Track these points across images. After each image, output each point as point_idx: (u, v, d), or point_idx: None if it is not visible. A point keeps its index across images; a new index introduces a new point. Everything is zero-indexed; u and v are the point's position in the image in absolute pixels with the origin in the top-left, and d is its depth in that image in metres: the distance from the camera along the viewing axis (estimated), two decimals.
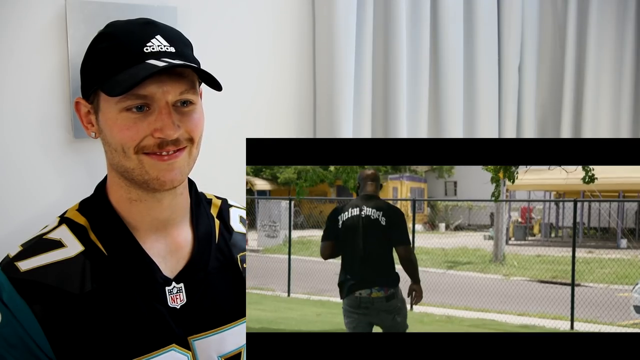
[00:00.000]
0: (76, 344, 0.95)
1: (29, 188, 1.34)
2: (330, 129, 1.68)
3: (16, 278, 0.95)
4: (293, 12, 1.68)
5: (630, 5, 2.11)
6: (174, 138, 0.95)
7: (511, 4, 1.98)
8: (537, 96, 2.11)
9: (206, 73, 0.97)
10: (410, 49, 1.82)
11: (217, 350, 1.07)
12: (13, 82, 1.31)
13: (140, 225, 1.04)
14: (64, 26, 1.34)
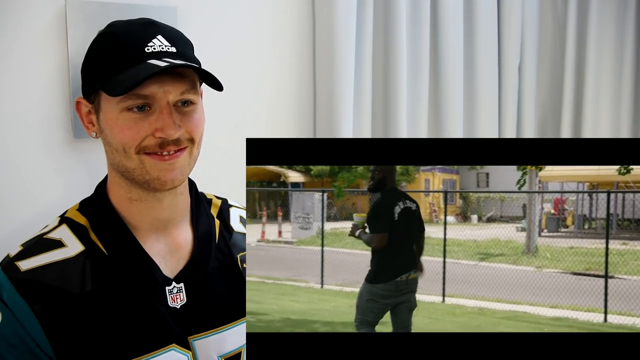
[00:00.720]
0: (76, 343, 0.95)
1: (29, 188, 1.34)
2: (330, 129, 1.68)
3: (16, 278, 0.95)
4: (293, 12, 1.68)
5: (630, 5, 2.11)
6: (175, 138, 0.96)
7: (511, 4, 1.98)
8: (537, 96, 2.11)
9: (207, 73, 0.97)
10: (410, 49, 1.82)
11: (217, 350, 1.07)
12: (13, 82, 1.31)
13: (140, 225, 1.04)
14: (64, 26, 1.34)
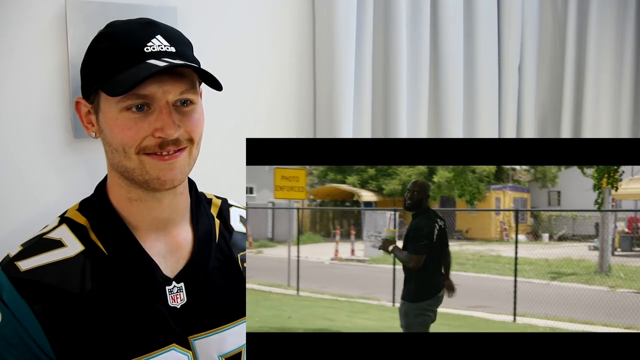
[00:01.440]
0: (76, 343, 0.95)
1: (29, 188, 1.34)
2: (330, 129, 1.68)
3: (16, 278, 0.95)
4: (293, 12, 1.68)
5: (630, 5, 2.11)
6: (174, 138, 0.96)
7: (511, 4, 1.98)
8: (537, 96, 2.11)
9: (206, 73, 0.97)
10: (410, 49, 1.82)
11: (218, 349, 1.07)
12: (13, 82, 1.31)
13: (140, 225, 1.04)
14: (64, 26, 1.34)
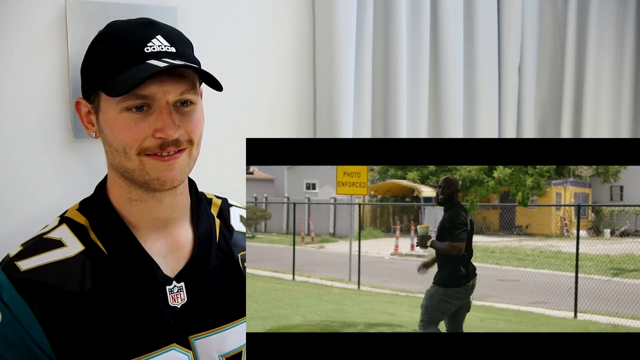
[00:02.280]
0: (76, 343, 0.95)
1: (29, 188, 1.34)
2: (330, 129, 1.68)
3: (16, 277, 0.95)
4: (293, 12, 1.68)
5: (630, 5, 2.11)
6: (175, 138, 0.96)
7: (511, 4, 1.98)
8: (537, 96, 2.11)
9: (207, 73, 0.97)
10: (410, 49, 1.82)
11: (218, 349, 1.07)
12: (13, 82, 1.31)
13: (140, 225, 1.04)
14: (64, 26, 1.34)
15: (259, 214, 7.44)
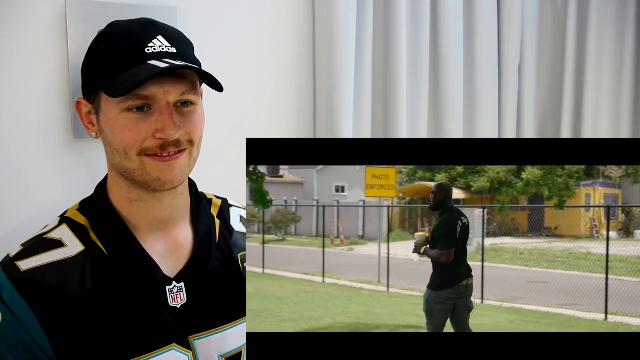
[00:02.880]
0: (76, 343, 0.95)
1: (29, 188, 1.34)
2: (330, 129, 1.68)
3: (16, 277, 0.95)
4: (293, 12, 1.68)
5: (630, 5, 2.11)
6: (175, 139, 0.96)
7: (511, 4, 1.98)
8: (537, 96, 2.11)
9: (207, 74, 0.97)
10: (410, 49, 1.82)
11: (218, 349, 1.07)
12: (13, 82, 1.31)
13: (140, 225, 1.04)
14: (64, 26, 1.34)
15: (289, 217, 7.46)
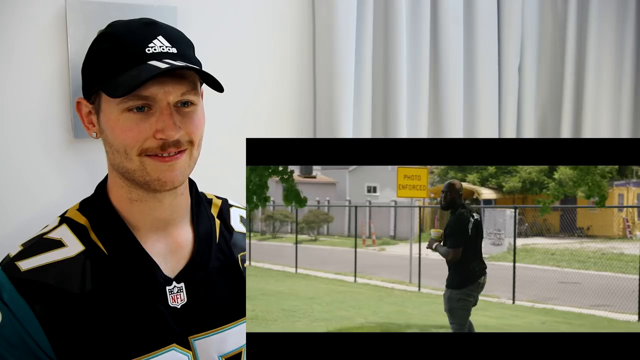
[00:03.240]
0: (77, 343, 0.95)
1: (29, 188, 1.34)
2: (330, 129, 1.68)
3: (17, 278, 0.95)
4: (293, 12, 1.68)
5: (630, 5, 2.11)
6: (175, 139, 0.96)
7: (511, 4, 1.98)
8: (537, 96, 2.11)
9: (208, 74, 0.97)
10: (410, 49, 1.82)
11: (218, 350, 1.07)
12: (13, 82, 1.31)
13: (140, 225, 1.04)
14: (64, 26, 1.34)
15: (321, 217, 7.49)
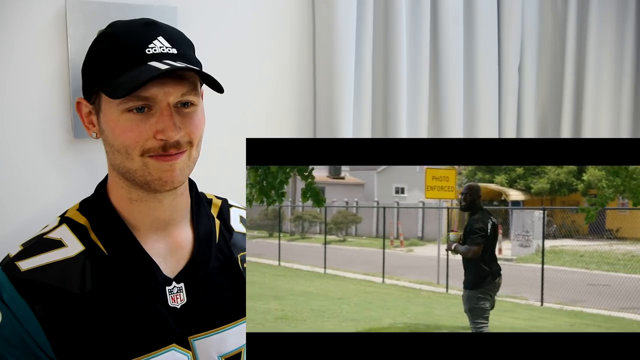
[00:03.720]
0: (77, 343, 0.95)
1: (29, 188, 1.34)
2: (330, 129, 1.68)
3: (17, 278, 0.95)
4: (293, 12, 1.68)
5: (630, 5, 2.11)
6: (175, 140, 0.96)
7: (511, 4, 1.98)
8: (537, 96, 2.11)
9: (208, 75, 0.97)
10: (410, 49, 1.82)
11: (218, 350, 1.07)
12: (13, 82, 1.31)
13: (140, 225, 1.04)
14: (64, 26, 1.34)
15: (349, 218, 7.51)
